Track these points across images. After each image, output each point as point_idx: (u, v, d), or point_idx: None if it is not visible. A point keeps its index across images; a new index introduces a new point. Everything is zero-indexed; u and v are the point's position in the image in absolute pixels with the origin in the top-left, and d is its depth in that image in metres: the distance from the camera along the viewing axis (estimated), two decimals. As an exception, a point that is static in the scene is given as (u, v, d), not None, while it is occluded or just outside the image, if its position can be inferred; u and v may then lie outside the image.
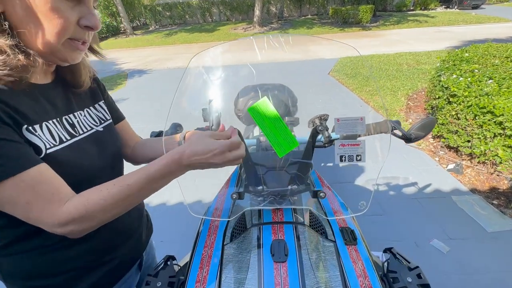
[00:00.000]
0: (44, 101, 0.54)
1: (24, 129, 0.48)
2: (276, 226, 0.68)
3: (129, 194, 0.50)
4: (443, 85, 2.77)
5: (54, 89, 0.58)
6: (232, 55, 0.90)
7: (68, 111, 0.60)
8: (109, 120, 0.71)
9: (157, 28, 16.18)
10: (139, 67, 7.88)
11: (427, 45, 7.50)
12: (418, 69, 5.38)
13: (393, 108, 3.77)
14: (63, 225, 0.47)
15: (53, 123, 0.54)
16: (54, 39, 0.47)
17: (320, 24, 13.20)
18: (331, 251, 0.67)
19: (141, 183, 0.51)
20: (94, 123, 0.65)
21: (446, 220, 1.96)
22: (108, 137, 0.67)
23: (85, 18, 0.49)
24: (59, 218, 0.46)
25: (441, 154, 2.73)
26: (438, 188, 2.29)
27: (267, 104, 0.60)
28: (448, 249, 1.73)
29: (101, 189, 0.50)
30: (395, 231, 1.89)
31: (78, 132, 0.59)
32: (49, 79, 0.59)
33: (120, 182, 0.51)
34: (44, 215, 0.46)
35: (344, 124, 0.60)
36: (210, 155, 0.52)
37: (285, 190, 0.65)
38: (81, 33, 0.51)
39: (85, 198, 0.49)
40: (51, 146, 0.51)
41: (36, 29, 0.46)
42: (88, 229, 0.50)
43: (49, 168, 0.49)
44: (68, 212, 0.47)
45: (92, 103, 0.68)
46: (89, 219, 0.48)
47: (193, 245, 0.74)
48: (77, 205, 0.48)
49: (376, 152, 0.87)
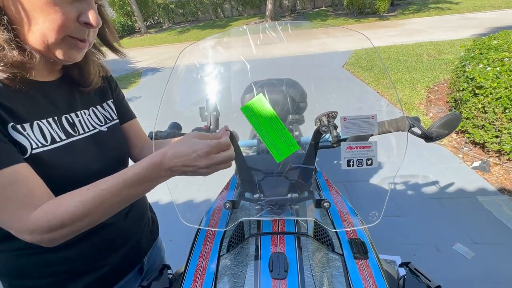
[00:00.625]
0: (43, 99, 0.53)
1: (10, 127, 0.46)
2: (276, 237, 0.62)
3: (103, 200, 0.45)
4: (468, 76, 2.56)
5: (57, 87, 0.57)
6: (232, 49, 0.83)
7: (69, 109, 0.58)
8: (115, 120, 0.68)
9: (170, 26, 16.34)
10: (153, 65, 7.99)
11: (450, 34, 7.04)
12: (440, 59, 5.06)
13: (412, 102, 3.56)
14: (31, 233, 0.44)
15: (47, 122, 0.52)
16: (51, 36, 0.45)
17: (334, 16, 12.78)
18: (338, 266, 0.59)
19: (117, 188, 0.46)
20: (99, 122, 0.63)
21: (470, 223, 1.80)
22: (111, 138, 0.65)
23: (84, 14, 0.47)
24: (27, 224, 0.43)
25: (465, 151, 2.54)
26: (462, 188, 2.13)
27: (263, 102, 0.53)
28: (473, 255, 1.59)
29: (75, 194, 0.46)
30: (413, 234, 1.77)
31: (78, 132, 0.57)
32: (54, 77, 0.57)
33: (94, 187, 0.46)
34: (13, 219, 0.43)
35: (352, 124, 0.52)
36: (194, 156, 0.46)
37: (285, 199, 0.58)
38: (80, 31, 0.49)
39: (56, 204, 0.45)
40: (39, 146, 0.49)
41: (33, 24, 0.44)
42: (59, 239, 0.46)
43: (27, 169, 0.46)
44: (36, 219, 0.43)
45: (100, 101, 0.67)
46: (58, 227, 0.44)
47: (188, 255, 0.69)
48: (47, 211, 0.44)
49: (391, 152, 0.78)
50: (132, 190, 0.47)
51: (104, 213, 0.47)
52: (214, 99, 0.82)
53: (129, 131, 0.75)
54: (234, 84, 0.84)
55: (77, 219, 0.44)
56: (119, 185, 0.46)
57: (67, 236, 0.46)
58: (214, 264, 0.64)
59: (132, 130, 0.76)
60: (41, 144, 0.49)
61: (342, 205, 0.74)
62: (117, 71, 7.59)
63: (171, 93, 0.67)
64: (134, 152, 0.77)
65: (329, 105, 0.71)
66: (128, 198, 0.48)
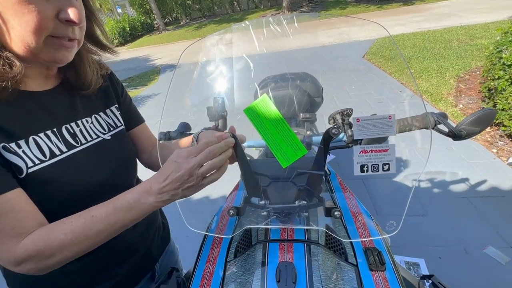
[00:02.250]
0: (39, 111, 0.50)
1: (1, 147, 0.43)
2: (285, 244, 0.58)
3: (92, 227, 0.44)
4: (505, 62, 2.33)
5: (55, 96, 0.54)
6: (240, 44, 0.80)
7: (70, 119, 0.55)
8: (119, 127, 0.65)
9: (188, 22, 16.52)
10: (171, 62, 8.13)
11: (484, 17, 6.46)
12: (472, 45, 4.66)
13: (439, 92, 3.31)
14: (19, 263, 0.43)
15: (45, 136, 0.49)
16: (31, 38, 0.42)
17: (354, 3, 12.20)
18: (351, 278, 0.55)
19: (107, 214, 0.45)
20: (102, 130, 0.60)
21: (505, 224, 1.65)
22: (115, 147, 0.62)
23: (63, 10, 0.43)
24: (15, 255, 0.42)
25: (500, 145, 2.33)
26: (496, 186, 1.95)
27: (268, 104, 0.49)
28: (507, 260, 1.46)
29: (65, 221, 0.45)
30: (439, 235, 1.66)
31: (79, 142, 0.55)
32: (51, 85, 0.54)
33: (85, 214, 0.45)
34: (1, 250, 0.42)
35: (366, 125, 0.47)
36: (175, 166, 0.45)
37: (292, 207, 0.55)
38: (63, 29, 0.44)
39: (46, 232, 0.43)
40: (36, 163, 0.47)
41: (9, 29, 0.40)
42: (48, 268, 0.45)
43: (18, 196, 0.44)
44: (25, 249, 0.42)
45: (103, 108, 0.64)
46: (47, 257, 0.43)
47: (196, 259, 0.68)
48: (36, 240, 0.43)
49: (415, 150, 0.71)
50: (121, 216, 0.45)
51: (92, 241, 0.45)
52: (221, 98, 0.79)
53: (139, 136, 0.74)
54: (243, 82, 0.80)
55: (65, 248, 0.43)
56: (109, 211, 0.45)
57: (54, 266, 0.45)
58: (221, 270, 0.62)
59: (142, 135, 0.75)
60: (39, 160, 0.47)
61: (358, 210, 0.69)
62: (136, 69, 7.81)
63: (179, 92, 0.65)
64: (144, 157, 0.76)
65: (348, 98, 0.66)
66: (118, 225, 0.46)
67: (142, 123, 0.75)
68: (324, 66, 1.28)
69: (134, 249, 0.68)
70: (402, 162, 2.28)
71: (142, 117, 0.76)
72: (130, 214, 0.45)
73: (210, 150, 0.45)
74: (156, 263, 0.76)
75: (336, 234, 0.58)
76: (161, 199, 0.45)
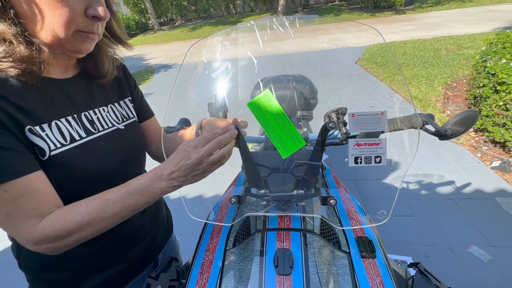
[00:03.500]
0: (61, 97, 0.53)
1: (27, 130, 0.46)
2: (282, 233, 0.62)
3: (107, 209, 0.47)
4: (489, 71, 2.44)
5: (75, 84, 0.57)
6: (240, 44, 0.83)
7: (88, 107, 0.58)
8: (132, 119, 0.69)
9: (183, 23, 16.49)
10: (165, 62, 8.11)
11: (471, 28, 6.73)
12: (459, 54, 4.85)
13: (428, 99, 3.44)
14: (37, 243, 0.45)
15: (66, 121, 0.52)
16: (61, 31, 0.45)
17: (348, 10, 12.48)
18: (344, 265, 0.59)
19: (121, 197, 0.47)
20: (116, 120, 0.64)
21: (487, 225, 1.74)
22: (128, 136, 0.65)
23: (92, 7, 0.46)
24: (34, 234, 0.44)
25: (484, 150, 2.43)
26: (480, 188, 2.04)
27: (270, 98, 0.53)
28: (489, 258, 1.53)
29: (81, 203, 0.47)
30: (426, 235, 1.72)
31: (97, 129, 0.58)
32: (71, 74, 0.58)
33: (100, 197, 0.48)
34: (21, 229, 0.45)
35: (361, 120, 0.51)
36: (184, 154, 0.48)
37: (290, 195, 0.58)
38: (89, 24, 0.48)
39: (63, 214, 0.46)
40: (58, 146, 0.49)
41: (41, 19, 0.44)
42: (63, 248, 0.48)
43: (40, 178, 0.46)
44: (43, 229, 0.45)
45: (118, 99, 0.67)
46: (63, 237, 0.46)
47: (195, 248, 0.70)
48: (54, 221, 0.45)
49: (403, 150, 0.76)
50: (134, 199, 0.48)
51: (107, 222, 0.48)
52: (222, 95, 0.82)
53: (149, 129, 0.77)
54: (242, 80, 0.83)
55: (81, 229, 0.46)
56: (122, 194, 0.47)
57: (69, 245, 0.48)
58: (220, 258, 0.64)
59: (151, 128, 0.78)
60: (60, 144, 0.50)
61: (350, 203, 0.73)
62: (131, 68, 7.75)
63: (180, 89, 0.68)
64: (151, 148, 0.79)
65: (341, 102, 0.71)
66: (131, 208, 0.49)
67: (152, 117, 0.79)
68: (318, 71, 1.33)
69: (142, 235, 0.71)
70: (392, 162, 2.36)
71: (152, 111, 0.80)
72: (142, 198, 0.48)
73: (219, 140, 0.49)
74: (160, 253, 0.79)
75: (330, 223, 0.62)
76: (171, 184, 0.48)
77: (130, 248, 0.68)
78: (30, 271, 0.62)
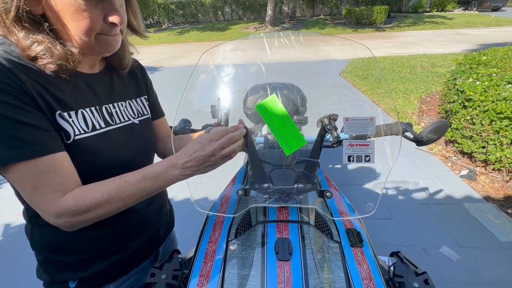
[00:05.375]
0: (87, 89, 0.58)
1: (58, 115, 0.51)
2: (281, 224, 0.68)
3: (125, 190, 0.52)
4: (459, 88, 2.69)
5: (99, 79, 0.63)
6: (242, 53, 0.90)
7: (109, 100, 0.63)
8: (146, 115, 0.73)
9: (170, 26, 16.38)
10: (151, 64, 8.00)
11: (443, 48, 7.31)
12: (433, 72, 5.25)
13: (405, 111, 3.69)
14: (59, 216, 0.49)
15: (90, 111, 0.57)
16: (84, 37, 0.51)
17: (333, 25, 13.05)
18: (336, 252, 0.66)
19: (137, 180, 0.53)
20: (133, 115, 0.69)
21: (456, 228, 1.90)
22: (142, 131, 0.70)
23: (109, 14, 0.51)
24: (57, 207, 0.49)
25: (454, 160, 2.66)
26: (450, 195, 2.23)
27: (276, 102, 0.60)
28: (458, 257, 1.68)
29: (101, 183, 0.52)
30: (403, 236, 1.86)
31: (114, 121, 0.63)
32: (96, 69, 0.63)
33: (119, 179, 0.53)
34: (45, 202, 0.49)
35: (353, 124, 0.59)
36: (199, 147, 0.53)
37: (291, 188, 0.65)
38: (108, 29, 0.53)
39: (85, 191, 0.51)
40: (81, 132, 0.54)
41: (68, 29, 0.50)
42: (80, 224, 0.52)
43: (64, 158, 0.51)
44: (66, 203, 0.49)
45: (135, 96, 0.72)
46: (83, 212, 0.50)
47: (198, 240, 0.74)
48: (76, 197, 0.50)
49: (385, 154, 0.86)
50: (149, 184, 0.53)
51: (123, 202, 0.53)
52: (225, 98, 0.88)
53: (159, 127, 0.82)
54: (243, 86, 0.90)
55: (100, 206, 0.51)
56: (138, 178, 0.53)
57: (87, 222, 0.52)
58: (223, 248, 0.69)
59: (161, 126, 0.83)
60: (83, 130, 0.55)
61: (340, 200, 0.81)
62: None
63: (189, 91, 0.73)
64: (159, 146, 0.84)
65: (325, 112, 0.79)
66: (146, 191, 0.54)
67: (162, 117, 0.84)
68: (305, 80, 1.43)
69: (148, 225, 0.74)
70: (376, 166, 2.51)
71: (163, 111, 0.85)
72: (157, 183, 0.54)
73: (231, 136, 0.55)
74: (161, 245, 0.82)
75: (324, 213, 0.69)
76: (184, 173, 0.54)
77: (134, 237, 0.71)
78: (41, 252, 0.64)
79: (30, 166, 0.47)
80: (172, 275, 0.67)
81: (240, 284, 0.59)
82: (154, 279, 0.66)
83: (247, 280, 0.59)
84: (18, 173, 0.47)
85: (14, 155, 0.45)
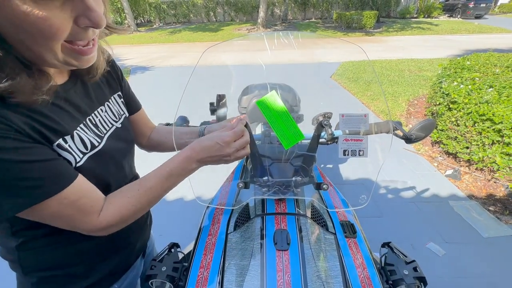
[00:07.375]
0: (68, 106, 0.50)
1: (56, 146, 0.45)
2: (279, 216, 0.71)
3: (151, 195, 0.55)
4: (444, 91, 2.80)
5: (73, 88, 0.53)
6: (242, 53, 0.93)
7: (90, 109, 0.56)
8: (124, 114, 0.67)
9: (161, 26, 16.22)
10: (142, 64, 7.90)
11: (430, 53, 7.55)
12: (420, 75, 5.42)
13: (393, 113, 3.79)
14: (104, 229, 0.52)
15: (81, 129, 0.51)
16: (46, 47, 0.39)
17: (323, 28, 13.26)
18: (332, 243, 0.69)
19: (161, 183, 0.55)
20: (114, 118, 0.63)
21: (442, 225, 1.98)
22: (125, 135, 0.66)
23: (83, 16, 0.39)
24: (99, 226, 0.51)
25: (439, 160, 2.76)
26: (436, 193, 2.32)
27: (275, 98, 0.63)
28: (443, 253, 1.75)
29: (128, 195, 0.54)
30: (392, 233, 1.92)
31: (102, 132, 0.57)
32: (66, 75, 0.53)
33: (143, 187, 0.55)
34: (86, 225, 0.50)
35: (348, 120, 0.63)
36: (217, 147, 0.57)
37: (289, 181, 0.68)
38: (82, 34, 0.41)
39: (117, 207, 0.53)
40: (82, 156, 0.50)
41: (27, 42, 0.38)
42: (116, 230, 0.55)
43: (84, 181, 0.49)
44: (107, 221, 0.51)
45: (110, 94, 0.64)
46: (124, 222, 0.55)
47: (197, 233, 0.76)
48: (114, 214, 0.52)
49: (377, 151, 0.90)
50: (171, 182, 0.57)
51: (152, 204, 0.57)
52: (223, 95, 0.90)
53: (139, 121, 0.76)
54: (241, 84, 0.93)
55: (137, 214, 0.55)
56: (163, 180, 0.56)
57: (126, 225, 0.56)
58: (222, 241, 0.71)
59: (141, 120, 0.77)
60: (83, 153, 0.50)
61: (335, 194, 0.85)
62: (105, 67, 7.42)
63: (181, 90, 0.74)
64: (142, 141, 0.81)
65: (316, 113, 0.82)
66: (169, 189, 0.58)
67: (141, 109, 0.77)
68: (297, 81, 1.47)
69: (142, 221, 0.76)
70: (368, 163, 2.58)
71: (139, 103, 0.77)
72: (179, 179, 0.58)
73: (246, 140, 0.59)
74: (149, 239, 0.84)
75: (319, 205, 0.72)
76: (200, 166, 0.59)
77: (132, 234, 0.72)
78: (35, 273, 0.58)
79: (60, 199, 0.45)
80: (172, 267, 0.69)
81: (240, 274, 0.61)
82: (154, 271, 0.67)
83: (247, 269, 0.61)
84: (50, 210, 0.45)
85: (41, 193, 0.42)
